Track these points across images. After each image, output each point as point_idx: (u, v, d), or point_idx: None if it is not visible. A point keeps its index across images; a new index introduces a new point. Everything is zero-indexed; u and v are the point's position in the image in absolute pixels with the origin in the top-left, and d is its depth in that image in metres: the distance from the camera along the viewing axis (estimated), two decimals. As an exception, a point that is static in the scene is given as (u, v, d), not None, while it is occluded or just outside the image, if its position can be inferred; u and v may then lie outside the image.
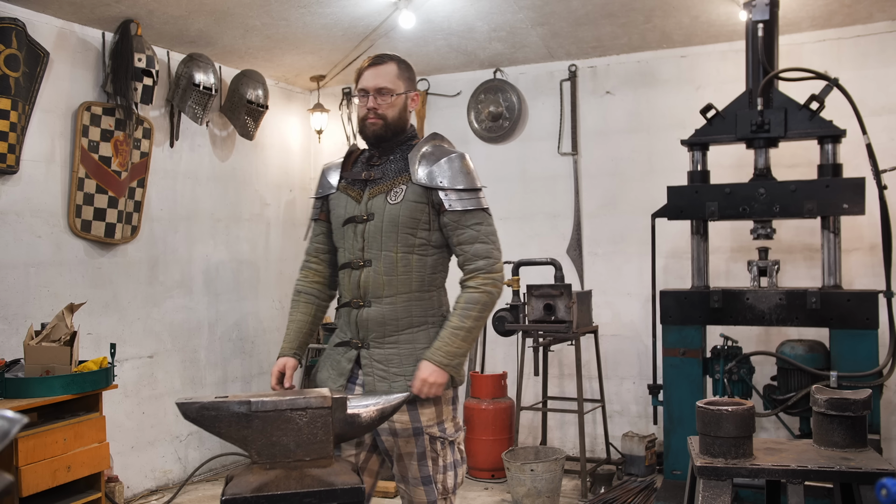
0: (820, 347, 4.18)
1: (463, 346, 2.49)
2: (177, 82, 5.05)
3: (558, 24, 4.86)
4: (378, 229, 2.53)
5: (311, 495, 2.14)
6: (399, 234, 2.52)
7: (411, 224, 2.52)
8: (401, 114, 2.63)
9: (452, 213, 2.52)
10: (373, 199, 2.56)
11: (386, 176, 2.58)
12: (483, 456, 5.15)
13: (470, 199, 2.54)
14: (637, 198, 5.39)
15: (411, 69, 2.72)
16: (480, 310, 2.51)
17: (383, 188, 2.56)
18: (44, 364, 3.69)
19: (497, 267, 2.55)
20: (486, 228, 2.55)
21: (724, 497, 2.50)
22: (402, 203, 2.52)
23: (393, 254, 2.52)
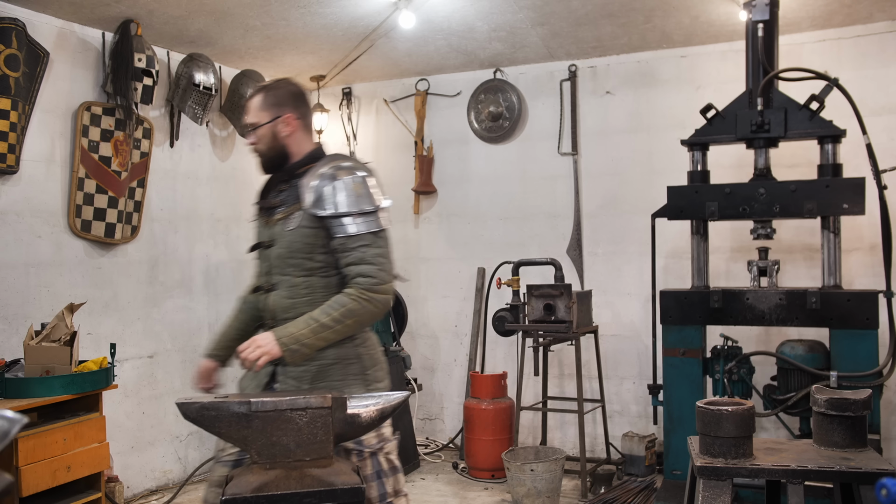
0: (820, 347, 4.18)
1: (309, 337, 2.43)
2: (177, 82, 5.05)
3: (558, 24, 4.86)
4: (279, 255, 2.57)
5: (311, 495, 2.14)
6: (296, 259, 2.55)
7: (307, 249, 2.54)
8: (272, 143, 2.61)
9: (339, 238, 2.50)
10: (274, 226, 2.60)
11: (286, 203, 2.59)
12: (483, 456, 5.15)
13: (359, 223, 2.51)
14: (637, 198, 5.39)
15: (280, 93, 2.64)
16: (344, 314, 2.44)
17: (283, 214, 2.58)
18: (44, 364, 3.69)
19: (380, 289, 2.48)
20: (373, 251, 2.50)
21: (724, 497, 2.50)
22: (296, 230, 2.53)
23: (293, 278, 2.56)
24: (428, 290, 6.12)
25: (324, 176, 2.52)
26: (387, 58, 5.54)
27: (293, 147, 2.63)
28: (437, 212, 6.10)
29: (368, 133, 6.32)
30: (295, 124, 2.62)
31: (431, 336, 6.11)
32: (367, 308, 2.47)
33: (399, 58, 5.55)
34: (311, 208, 2.50)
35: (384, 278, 2.49)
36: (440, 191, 6.06)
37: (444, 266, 6.06)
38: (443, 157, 6.06)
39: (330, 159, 2.59)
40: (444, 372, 6.07)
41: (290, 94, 2.64)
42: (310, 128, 2.69)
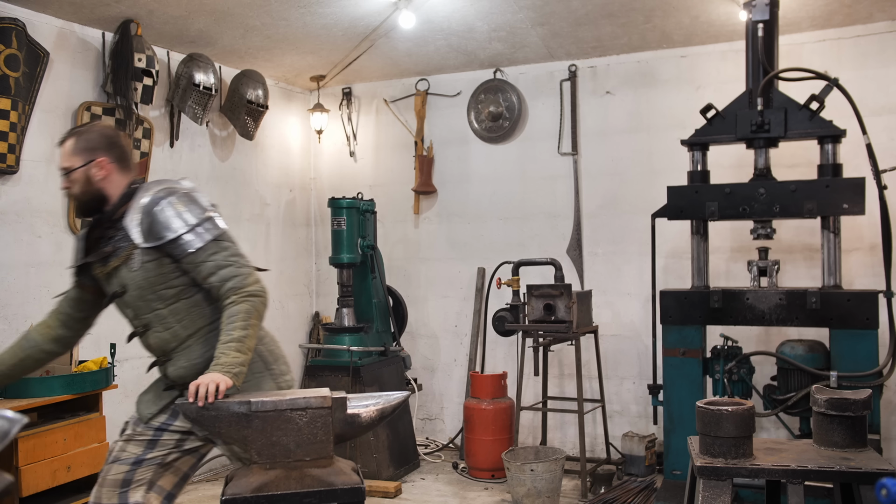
0: (820, 347, 4.17)
1: (240, 356, 2.43)
2: (177, 82, 5.05)
3: (558, 24, 4.86)
4: (135, 297, 2.59)
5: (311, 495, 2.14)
6: (154, 294, 2.58)
7: (160, 280, 2.57)
8: (87, 187, 2.60)
9: (187, 257, 2.53)
10: (117, 273, 2.59)
11: (118, 248, 2.59)
12: (483, 456, 5.15)
13: (197, 235, 2.54)
14: (637, 198, 5.39)
15: (92, 137, 2.63)
16: (244, 318, 2.47)
17: (120, 260, 2.58)
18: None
19: (249, 280, 2.53)
20: (223, 254, 2.55)
21: (724, 497, 2.50)
22: (140, 268, 2.55)
23: (161, 311, 2.60)
24: (428, 290, 6.12)
25: (144, 207, 2.55)
26: (387, 58, 5.54)
27: (109, 190, 2.61)
28: (437, 212, 6.10)
29: (368, 133, 6.32)
30: (109, 168, 2.60)
31: (431, 336, 6.11)
32: (256, 303, 2.50)
33: (399, 58, 5.55)
34: (145, 242, 2.52)
35: (247, 272, 2.55)
36: (440, 191, 6.06)
37: (444, 266, 6.06)
38: (443, 157, 6.06)
39: (144, 189, 2.60)
40: (444, 372, 6.07)
41: (102, 138, 2.62)
42: (126, 168, 2.65)
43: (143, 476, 2.61)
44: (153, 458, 2.62)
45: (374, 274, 5.49)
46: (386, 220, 6.19)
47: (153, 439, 2.63)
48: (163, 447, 2.64)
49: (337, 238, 5.36)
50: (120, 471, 2.59)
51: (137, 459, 2.61)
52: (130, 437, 2.66)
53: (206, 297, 2.61)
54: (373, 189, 6.20)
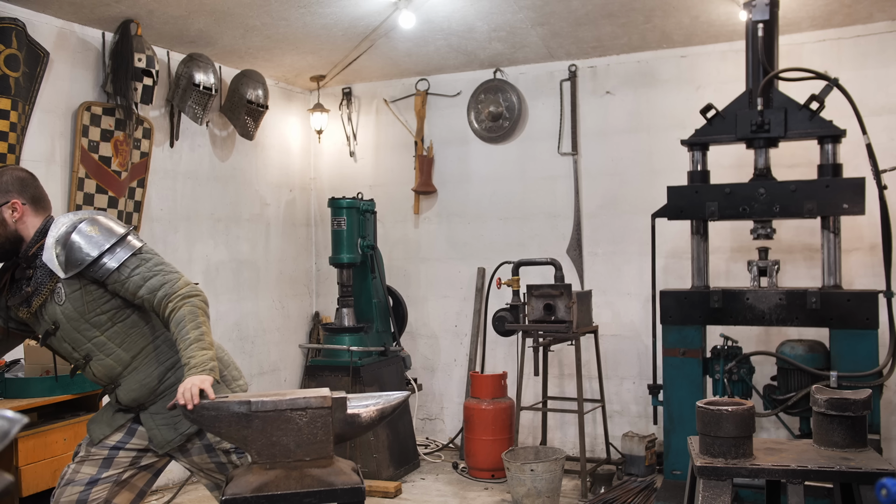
0: (820, 347, 4.17)
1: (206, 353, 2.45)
2: (177, 82, 5.05)
3: (558, 24, 4.87)
4: (70, 329, 2.58)
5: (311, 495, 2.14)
6: (88, 322, 2.57)
7: (90, 308, 2.56)
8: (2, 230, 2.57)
9: (110, 277, 2.53)
10: (44, 310, 2.58)
11: (39, 285, 2.57)
12: (483, 456, 5.15)
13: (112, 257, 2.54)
14: (637, 198, 5.39)
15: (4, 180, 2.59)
16: (191, 318, 2.48)
17: (44, 297, 2.57)
18: (44, 364, 3.69)
19: (178, 285, 2.54)
20: (144, 266, 2.56)
21: (724, 497, 2.50)
22: (66, 300, 2.55)
23: (98, 338, 2.59)
24: (428, 290, 6.12)
25: (59, 239, 2.55)
26: (387, 58, 5.54)
27: (24, 231, 2.60)
28: (437, 212, 6.10)
29: (368, 133, 6.32)
30: (22, 209, 2.59)
31: (431, 336, 6.11)
32: (195, 302, 2.51)
33: (399, 58, 5.55)
34: (66, 273, 2.52)
35: (174, 277, 2.56)
36: (440, 191, 6.06)
37: (444, 266, 6.06)
38: (443, 157, 6.06)
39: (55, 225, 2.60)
40: (444, 372, 6.07)
41: (14, 180, 2.60)
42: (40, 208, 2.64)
43: (99, 495, 2.61)
44: (108, 476, 2.63)
45: (374, 274, 5.49)
46: (386, 220, 6.19)
47: (108, 458, 2.64)
48: (118, 466, 2.65)
49: (337, 238, 5.36)
50: (74, 492, 2.59)
51: (92, 479, 2.61)
52: (84, 458, 2.65)
53: (141, 316, 2.63)
54: (373, 189, 6.20)
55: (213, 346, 2.48)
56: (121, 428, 2.67)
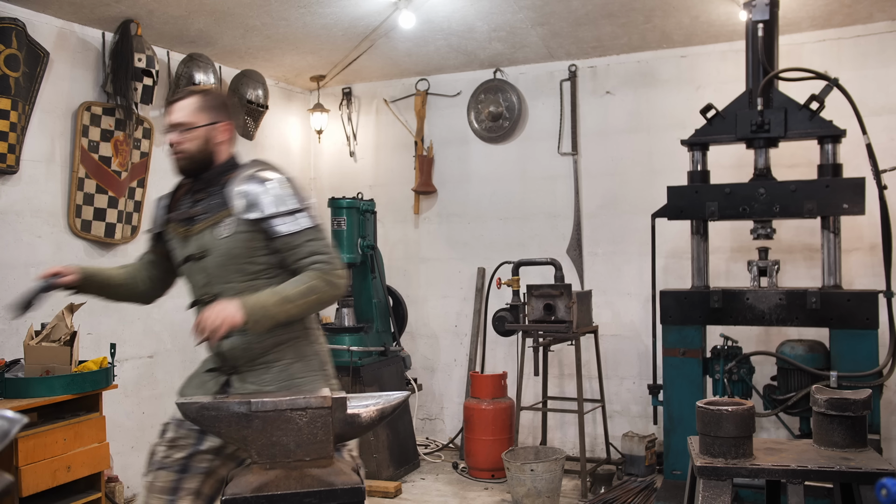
0: (820, 347, 4.18)
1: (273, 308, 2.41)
2: (177, 82, 5.05)
3: (558, 24, 4.86)
4: (216, 264, 2.55)
5: (311, 495, 2.14)
6: (238, 265, 2.54)
7: (247, 254, 2.53)
8: (204, 146, 2.59)
9: (283, 238, 2.51)
10: (201, 235, 2.56)
11: (210, 210, 2.57)
12: (483, 456, 5.15)
13: (295, 220, 2.53)
14: (637, 198, 5.39)
15: (220, 99, 2.66)
16: (308, 290, 2.44)
17: (209, 223, 2.56)
18: (44, 364, 3.69)
19: (338, 273, 2.52)
20: (319, 242, 2.54)
21: (724, 497, 2.50)
22: (231, 236, 2.52)
23: (237, 284, 2.54)
24: (428, 290, 6.12)
25: (251, 180, 2.53)
26: (387, 58, 5.54)
27: (218, 155, 2.62)
28: (437, 212, 6.10)
29: (368, 133, 6.32)
30: (229, 134, 2.64)
31: (431, 336, 6.11)
32: (328, 289, 2.48)
33: (399, 58, 5.55)
34: (246, 213, 2.50)
35: (338, 264, 2.53)
36: (440, 191, 6.06)
37: (444, 266, 6.06)
38: (443, 157, 6.06)
39: (251, 165, 2.61)
40: (444, 372, 6.07)
41: (230, 104, 2.67)
42: (235, 140, 2.69)
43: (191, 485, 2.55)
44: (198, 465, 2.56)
45: (374, 274, 5.49)
46: (386, 220, 6.19)
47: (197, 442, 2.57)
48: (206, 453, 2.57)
49: (337, 238, 5.36)
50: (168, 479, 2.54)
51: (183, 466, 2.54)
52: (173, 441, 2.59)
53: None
54: (373, 189, 6.20)
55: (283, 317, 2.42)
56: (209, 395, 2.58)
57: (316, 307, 2.51)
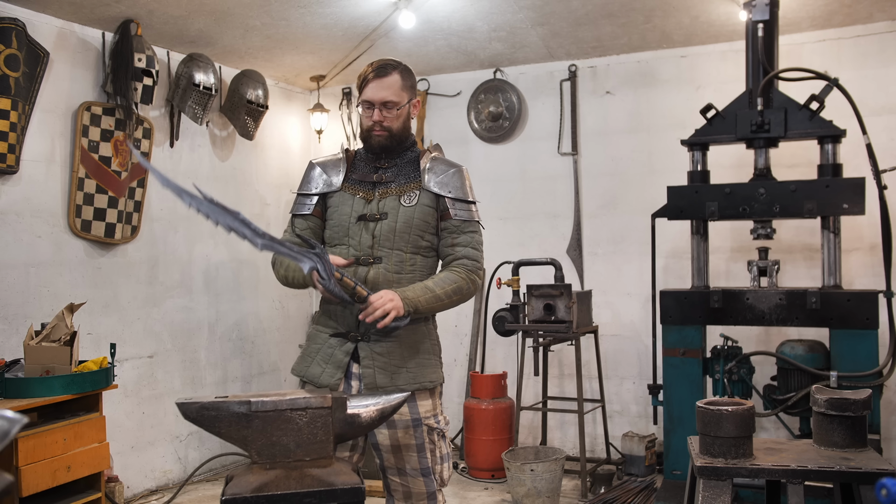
0: (820, 347, 4.18)
1: (424, 305, 2.52)
2: (177, 82, 5.05)
3: (558, 24, 4.86)
4: (391, 229, 2.60)
5: (311, 495, 2.14)
6: (411, 235, 2.61)
7: (422, 227, 2.63)
8: (405, 124, 2.69)
9: (455, 221, 2.65)
10: (385, 200, 2.63)
11: (397, 180, 2.66)
12: (483, 456, 5.15)
13: (469, 211, 2.68)
14: (637, 198, 5.39)
15: (412, 75, 2.77)
16: (454, 290, 2.59)
17: (395, 191, 2.64)
18: (44, 364, 3.69)
19: (480, 274, 2.68)
20: (478, 238, 2.70)
21: (724, 497, 2.50)
22: (416, 206, 2.62)
23: (403, 252, 2.61)
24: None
25: (439, 162, 2.69)
26: (387, 58, 5.53)
27: (410, 131, 2.73)
28: (437, 212, 6.09)
29: (368, 133, 6.31)
30: (418, 110, 2.78)
31: (431, 336, 6.10)
32: (470, 289, 2.63)
33: (399, 58, 5.49)
34: (436, 189, 2.63)
35: (482, 264, 2.71)
36: (440, 191, 6.06)
37: (444, 266, 6.06)
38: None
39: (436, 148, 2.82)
40: (445, 372, 6.05)
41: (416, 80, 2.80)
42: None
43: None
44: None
45: (375, 274, 5.48)
46: (386, 220, 6.18)
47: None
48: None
49: (337, 238, 5.35)
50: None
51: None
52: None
53: (435, 266, 2.71)
54: (373, 189, 6.20)
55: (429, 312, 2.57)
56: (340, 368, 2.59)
57: (454, 306, 2.65)
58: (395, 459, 2.64)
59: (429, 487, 2.68)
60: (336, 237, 2.68)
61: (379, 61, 2.71)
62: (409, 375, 2.61)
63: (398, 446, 2.61)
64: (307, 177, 2.77)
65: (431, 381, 2.67)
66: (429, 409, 2.65)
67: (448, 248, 2.66)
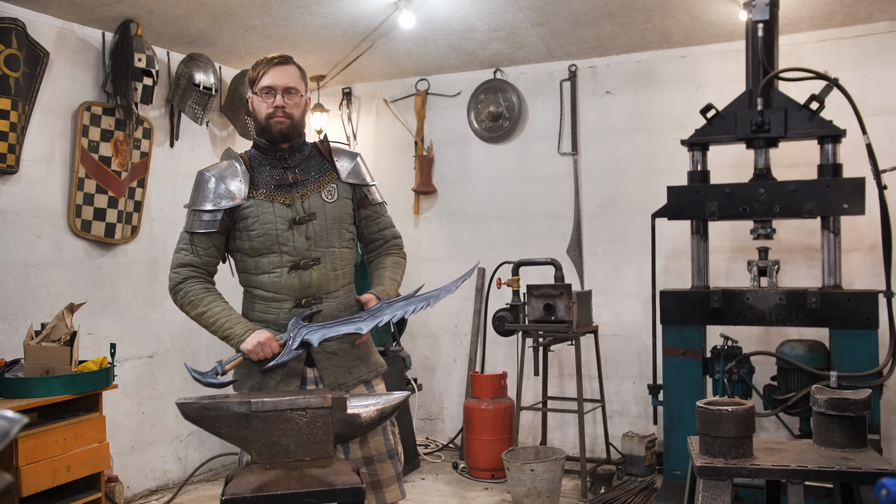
0: (820, 347, 4.18)
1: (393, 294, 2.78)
2: (177, 82, 5.05)
3: (558, 24, 4.87)
4: (323, 227, 2.65)
5: (311, 495, 2.14)
6: (340, 230, 2.69)
7: (346, 220, 2.72)
8: (304, 114, 2.73)
9: (374, 206, 2.81)
10: (307, 200, 2.64)
11: (311, 176, 2.67)
12: (483, 456, 5.15)
13: (378, 192, 2.84)
14: (637, 198, 5.39)
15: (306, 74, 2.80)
16: (402, 271, 2.89)
17: (313, 188, 2.66)
18: (44, 364, 3.69)
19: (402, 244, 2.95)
20: (388, 217, 2.89)
21: (724, 497, 2.50)
22: (338, 200, 2.69)
23: (337, 249, 2.70)
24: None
25: (342, 151, 2.78)
26: (387, 58, 5.54)
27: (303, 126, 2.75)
28: (437, 212, 6.10)
29: (368, 133, 6.32)
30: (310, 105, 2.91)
31: (431, 336, 6.11)
32: (404, 265, 2.90)
33: (399, 58, 5.55)
34: (352, 178, 2.71)
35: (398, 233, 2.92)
36: (440, 191, 6.06)
37: (444, 266, 6.06)
38: (443, 157, 6.06)
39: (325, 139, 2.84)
40: (444, 372, 6.07)
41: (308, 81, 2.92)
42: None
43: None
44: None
45: (375, 274, 5.48)
46: (386, 220, 6.18)
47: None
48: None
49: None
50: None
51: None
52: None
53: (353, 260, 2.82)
54: (373, 189, 6.19)
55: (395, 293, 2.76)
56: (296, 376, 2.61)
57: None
58: (362, 451, 2.67)
59: (396, 469, 2.75)
60: (264, 247, 2.62)
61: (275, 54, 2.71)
62: (365, 366, 2.72)
63: (366, 437, 2.65)
64: (202, 191, 2.65)
65: (382, 364, 2.82)
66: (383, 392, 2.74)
67: (375, 233, 2.82)
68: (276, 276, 2.63)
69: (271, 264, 2.63)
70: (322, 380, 2.63)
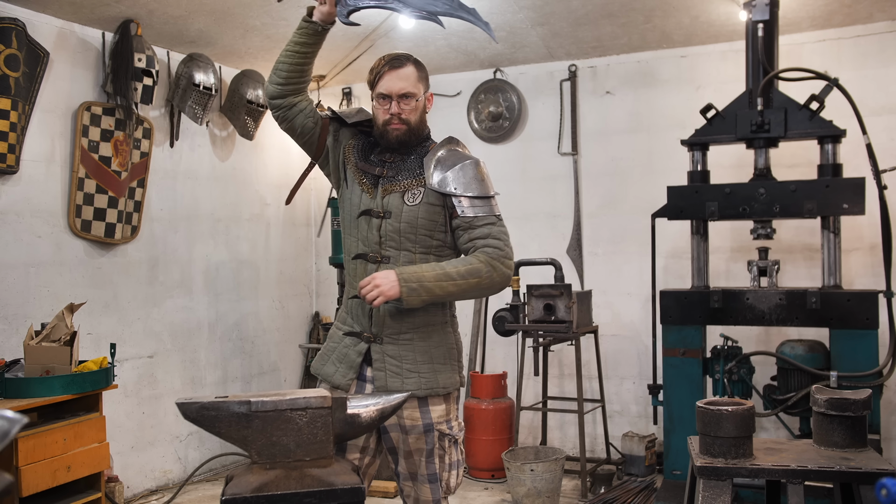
0: (820, 347, 4.18)
1: (431, 281, 2.42)
2: (177, 82, 5.05)
3: (558, 24, 4.86)
4: (396, 229, 2.52)
5: (311, 495, 2.14)
6: (417, 236, 2.52)
7: (429, 226, 2.53)
8: (422, 117, 2.61)
9: (465, 217, 2.53)
10: (388, 197, 2.55)
11: (400, 176, 2.56)
12: (483, 456, 5.15)
13: (482, 206, 2.55)
14: (637, 198, 5.39)
15: (425, 68, 2.68)
16: (470, 271, 2.45)
17: (397, 187, 2.55)
18: (44, 364, 3.69)
19: (506, 262, 2.50)
20: (497, 229, 2.55)
21: (724, 497, 2.50)
22: (419, 205, 2.52)
23: (412, 254, 2.53)
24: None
25: (447, 157, 2.57)
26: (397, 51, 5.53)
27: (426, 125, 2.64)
28: (437, 212, 6.09)
29: (368, 133, 6.31)
30: (432, 101, 2.68)
31: (431, 336, 6.10)
32: (492, 275, 2.46)
33: (399, 58, 5.54)
34: (437, 186, 2.51)
35: (510, 254, 2.52)
36: (440, 191, 6.06)
37: (444, 266, 6.05)
38: (443, 157, 6.05)
39: (448, 141, 2.63)
40: (444, 372, 6.06)
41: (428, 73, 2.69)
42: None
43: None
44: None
45: (375, 274, 5.48)
46: (386, 220, 6.18)
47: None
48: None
49: (337, 238, 5.36)
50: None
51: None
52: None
53: None
54: (373, 189, 6.19)
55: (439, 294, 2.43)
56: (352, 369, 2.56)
57: (476, 292, 2.51)
58: (407, 465, 2.60)
59: (434, 494, 2.60)
60: (346, 224, 2.64)
61: (391, 54, 2.63)
62: (422, 381, 2.54)
63: (410, 451, 2.58)
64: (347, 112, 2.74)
65: (444, 386, 2.57)
66: (441, 415, 2.58)
67: (466, 244, 2.54)
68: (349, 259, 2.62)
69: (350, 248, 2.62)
70: (374, 380, 2.57)
